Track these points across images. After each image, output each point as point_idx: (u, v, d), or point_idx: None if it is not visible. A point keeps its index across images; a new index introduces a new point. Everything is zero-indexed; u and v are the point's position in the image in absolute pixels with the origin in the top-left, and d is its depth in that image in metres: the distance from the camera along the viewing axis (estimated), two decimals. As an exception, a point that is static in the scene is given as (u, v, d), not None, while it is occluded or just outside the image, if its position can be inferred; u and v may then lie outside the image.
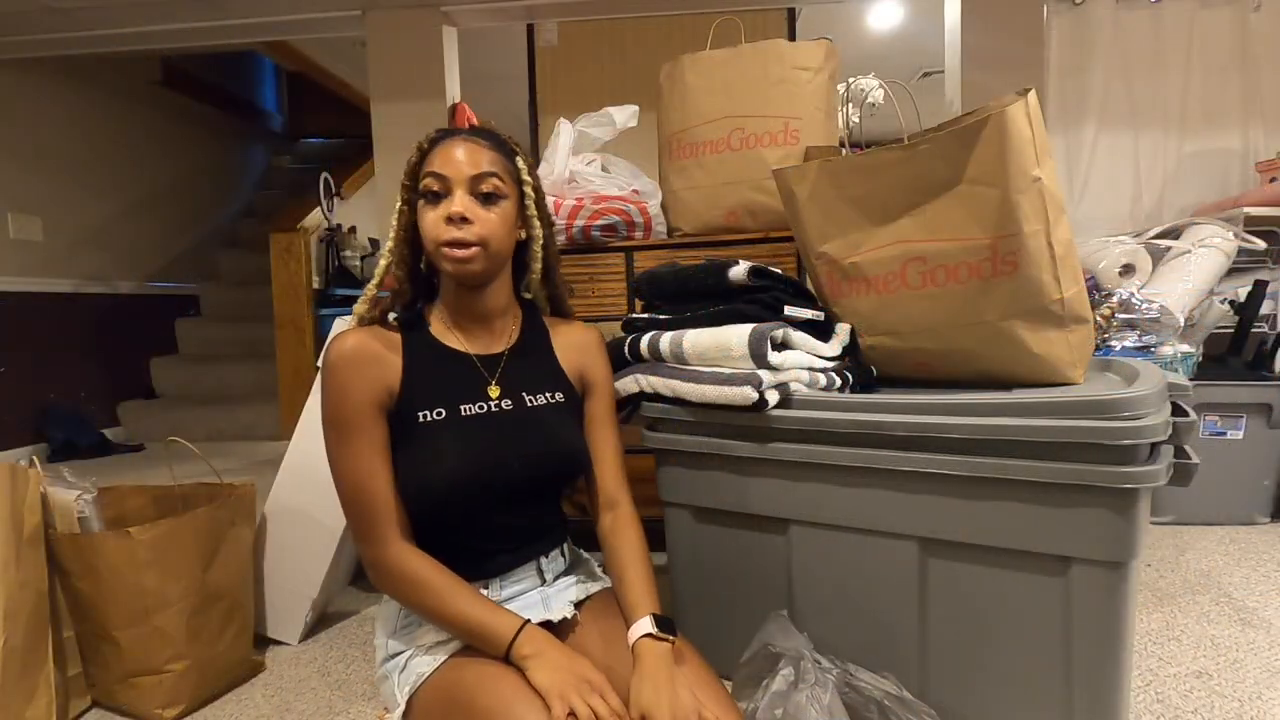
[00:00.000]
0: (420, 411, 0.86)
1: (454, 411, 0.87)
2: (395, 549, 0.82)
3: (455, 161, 0.85)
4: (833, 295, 1.19)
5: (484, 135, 0.90)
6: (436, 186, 0.85)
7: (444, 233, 0.84)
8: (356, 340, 0.85)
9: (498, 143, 0.90)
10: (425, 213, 0.85)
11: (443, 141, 0.87)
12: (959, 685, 1.00)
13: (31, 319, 3.36)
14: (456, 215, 0.83)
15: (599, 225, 1.62)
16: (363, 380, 0.84)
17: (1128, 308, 1.87)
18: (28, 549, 1.10)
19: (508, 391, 0.91)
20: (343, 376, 0.83)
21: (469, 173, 0.85)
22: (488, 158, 0.87)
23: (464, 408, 0.88)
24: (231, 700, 1.24)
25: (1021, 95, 0.94)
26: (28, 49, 3.07)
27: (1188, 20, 2.71)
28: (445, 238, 0.84)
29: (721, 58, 1.60)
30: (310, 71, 4.57)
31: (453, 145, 0.86)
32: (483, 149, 0.87)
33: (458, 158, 0.85)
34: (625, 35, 3.13)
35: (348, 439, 0.83)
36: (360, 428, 0.83)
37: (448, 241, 0.84)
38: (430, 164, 0.86)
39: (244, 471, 2.90)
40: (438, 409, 0.87)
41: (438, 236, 0.84)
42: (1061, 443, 0.86)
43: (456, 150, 0.85)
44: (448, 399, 0.88)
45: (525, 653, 0.76)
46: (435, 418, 0.86)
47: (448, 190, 0.85)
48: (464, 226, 0.84)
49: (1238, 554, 1.77)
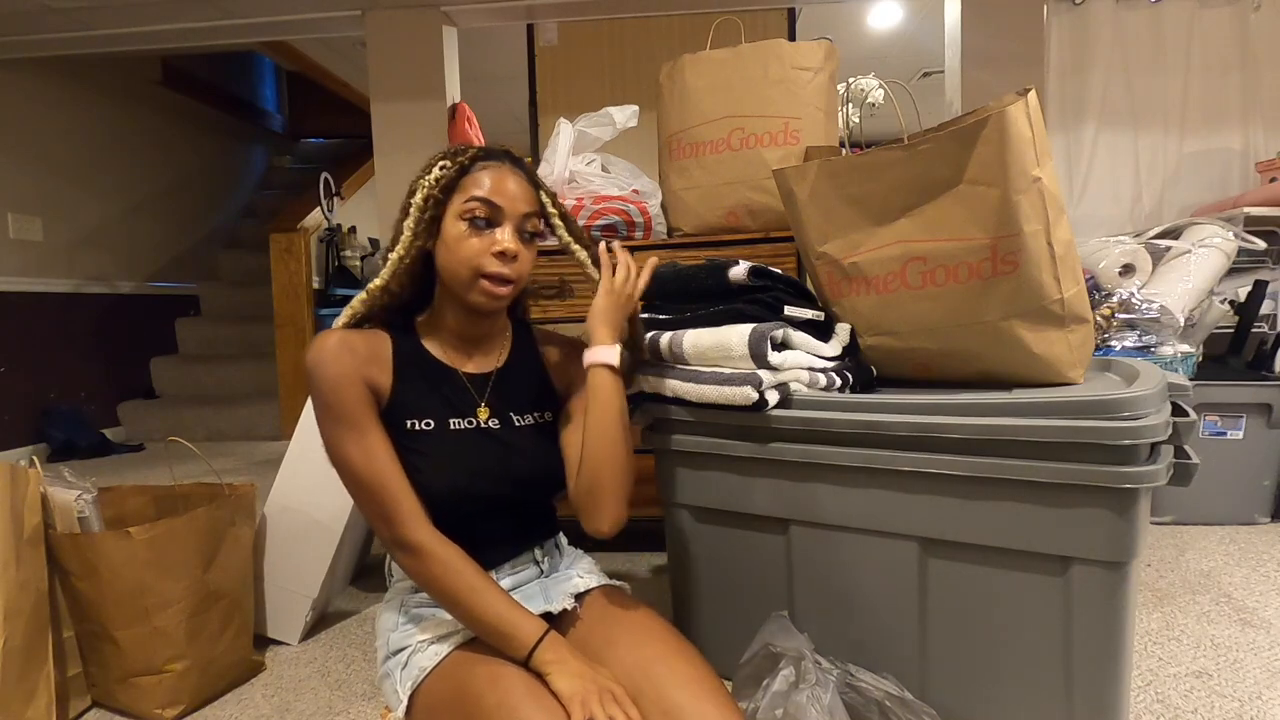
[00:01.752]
0: (409, 419, 0.86)
1: (442, 424, 0.88)
2: (426, 530, 0.82)
3: (509, 195, 0.85)
4: (833, 295, 1.19)
5: (524, 168, 0.90)
6: (486, 213, 0.85)
7: (490, 265, 0.84)
8: (340, 338, 0.85)
9: (532, 178, 0.91)
10: (467, 237, 0.84)
11: (491, 167, 0.87)
12: (959, 685, 1.00)
13: (31, 319, 3.36)
14: (511, 252, 0.84)
15: (599, 225, 1.62)
16: (355, 374, 0.83)
17: (1128, 308, 1.87)
18: (28, 549, 1.10)
19: (496, 412, 0.91)
20: (335, 371, 0.82)
21: (521, 210, 0.86)
22: (532, 195, 0.88)
23: (452, 422, 0.88)
24: (231, 700, 1.24)
25: (1021, 95, 0.94)
26: (28, 49, 3.07)
27: (1188, 20, 2.72)
28: (491, 270, 0.84)
29: (721, 58, 1.60)
30: (310, 71, 4.57)
31: (505, 175, 0.86)
32: (527, 185, 0.88)
33: (512, 191, 0.85)
34: (625, 35, 3.12)
35: (353, 427, 0.82)
36: (364, 414, 0.83)
37: (492, 275, 0.84)
38: (479, 187, 0.85)
39: (244, 471, 2.90)
40: (426, 420, 0.87)
41: (482, 267, 0.84)
42: (1061, 443, 0.86)
43: (509, 183, 0.86)
44: (437, 412, 0.88)
45: (548, 658, 0.76)
46: (424, 428, 0.87)
47: (497, 221, 0.85)
48: (512, 265, 0.85)
49: (1238, 554, 1.77)
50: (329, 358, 0.83)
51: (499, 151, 0.90)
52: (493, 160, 0.88)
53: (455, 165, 0.86)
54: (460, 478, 0.86)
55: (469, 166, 0.87)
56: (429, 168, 0.88)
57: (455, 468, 0.86)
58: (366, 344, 0.87)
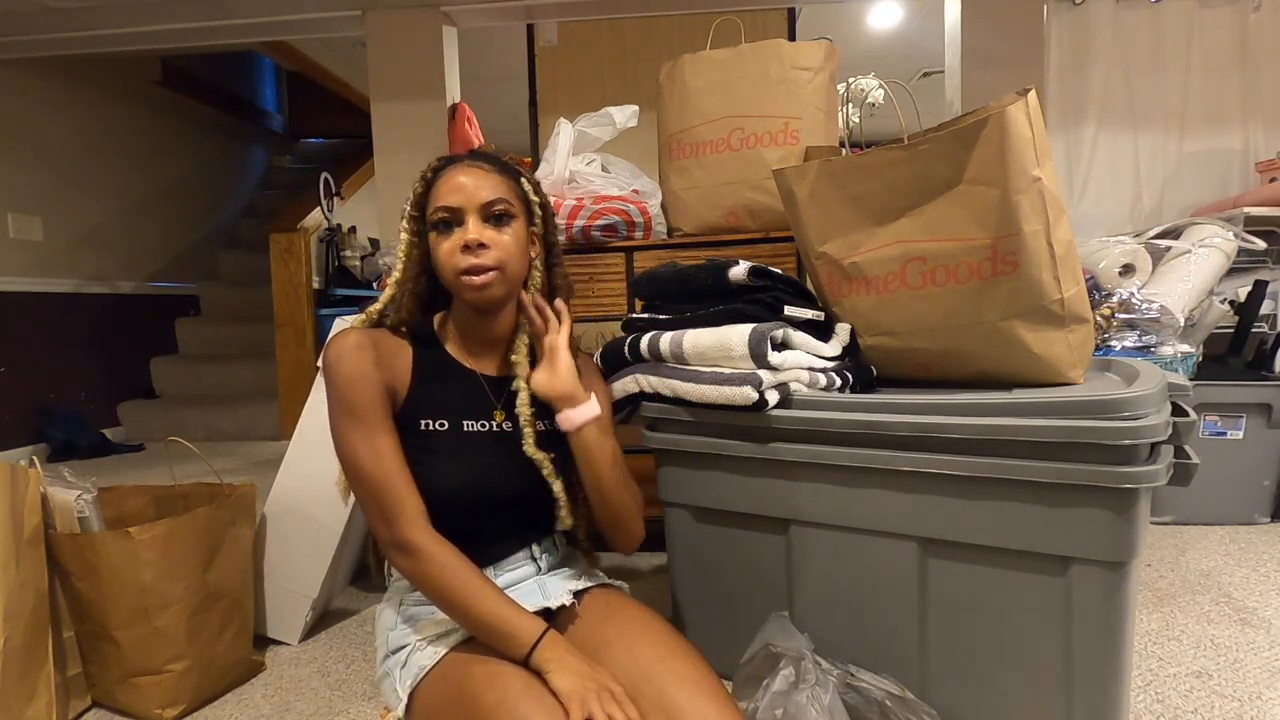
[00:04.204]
0: (423, 419, 0.87)
1: (456, 425, 0.88)
2: (424, 532, 0.82)
3: (465, 190, 0.86)
4: (833, 295, 1.19)
5: (486, 159, 0.90)
6: (447, 216, 0.86)
7: (461, 261, 0.84)
8: (360, 336, 0.86)
9: (501, 166, 0.91)
10: (440, 244, 0.86)
11: (446, 170, 0.88)
12: (959, 685, 1.00)
13: (31, 319, 3.36)
14: (474, 242, 0.84)
15: (599, 225, 1.62)
16: (373, 373, 0.84)
17: (1128, 308, 1.87)
18: (28, 549, 1.10)
19: (510, 415, 0.92)
20: (353, 368, 0.83)
21: (481, 199, 0.86)
22: (495, 181, 0.88)
23: (467, 424, 0.89)
24: (231, 700, 1.24)
25: (1021, 95, 0.94)
26: (28, 49, 3.07)
27: (1188, 20, 2.72)
28: (463, 265, 0.85)
29: (721, 58, 1.60)
30: (310, 71, 4.57)
31: (457, 173, 0.87)
32: (487, 173, 0.88)
33: (466, 185, 0.86)
34: (625, 35, 3.13)
35: (365, 425, 0.83)
36: (377, 413, 0.84)
37: (466, 269, 0.85)
38: (438, 196, 0.86)
39: (244, 471, 2.90)
40: (440, 420, 0.88)
41: (456, 265, 0.85)
42: (1061, 443, 0.86)
43: (462, 177, 0.86)
44: (452, 412, 0.89)
45: (547, 656, 0.76)
46: (438, 428, 0.87)
47: (459, 220, 0.86)
48: (480, 253, 0.85)
49: (1238, 554, 1.77)
50: (348, 354, 0.84)
51: (462, 155, 0.91)
52: (453, 164, 0.89)
53: (422, 182, 0.89)
54: (470, 478, 0.87)
55: (432, 179, 0.89)
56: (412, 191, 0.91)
57: (466, 468, 0.87)
58: (387, 344, 0.88)
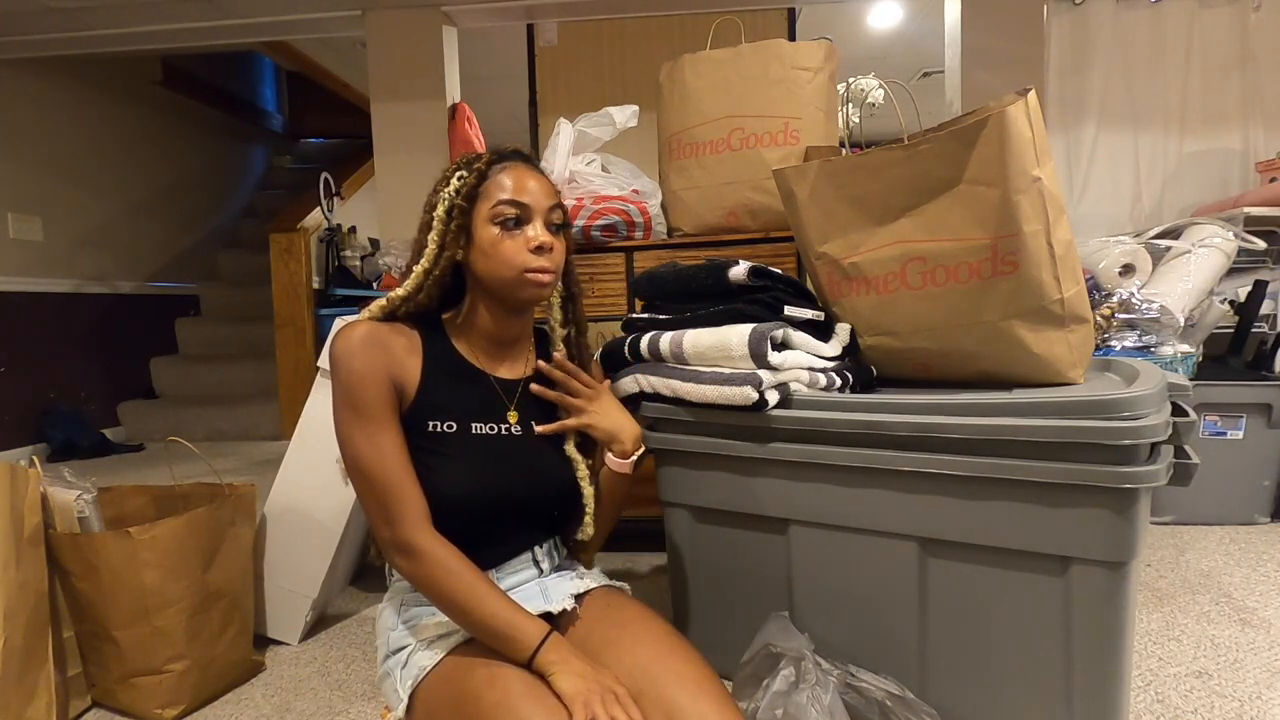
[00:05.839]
0: (431, 420, 0.87)
1: (465, 427, 0.88)
2: (427, 534, 0.82)
3: (533, 192, 0.88)
4: (833, 295, 1.19)
5: (537, 165, 0.93)
6: (516, 213, 0.87)
7: (531, 261, 0.86)
8: (369, 330, 0.86)
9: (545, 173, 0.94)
10: (502, 239, 0.86)
11: (509, 168, 0.89)
12: (959, 685, 1.00)
13: (31, 319, 3.36)
14: (548, 245, 0.87)
15: (599, 225, 1.62)
16: (382, 370, 0.84)
17: (1128, 308, 1.87)
18: (28, 549, 1.10)
19: (523, 418, 0.93)
20: (361, 365, 0.83)
21: (546, 204, 0.88)
22: (551, 189, 0.91)
23: (475, 426, 0.89)
24: (231, 700, 1.24)
25: (1021, 95, 0.94)
26: (28, 49, 3.07)
27: (1188, 20, 2.72)
28: (533, 265, 0.86)
29: (721, 58, 1.60)
30: (310, 71, 4.57)
31: (524, 174, 0.89)
32: (545, 180, 0.91)
33: (534, 188, 0.88)
34: (625, 35, 3.13)
35: (370, 423, 0.83)
36: (383, 411, 0.83)
37: (535, 269, 0.86)
38: (503, 190, 0.87)
39: (244, 471, 2.90)
40: (449, 422, 0.87)
41: (524, 264, 0.86)
42: (1061, 443, 0.86)
43: (530, 180, 0.88)
44: (461, 414, 0.88)
45: (551, 659, 0.76)
46: (446, 430, 0.87)
47: (528, 218, 0.87)
48: (548, 256, 0.87)
49: (1238, 554, 1.77)
50: (357, 349, 0.84)
51: (510, 152, 0.92)
52: (508, 161, 0.90)
53: (474, 173, 0.88)
54: (478, 482, 0.86)
55: (487, 171, 0.88)
56: (445, 180, 0.89)
57: (474, 471, 0.87)
58: (397, 340, 0.87)
